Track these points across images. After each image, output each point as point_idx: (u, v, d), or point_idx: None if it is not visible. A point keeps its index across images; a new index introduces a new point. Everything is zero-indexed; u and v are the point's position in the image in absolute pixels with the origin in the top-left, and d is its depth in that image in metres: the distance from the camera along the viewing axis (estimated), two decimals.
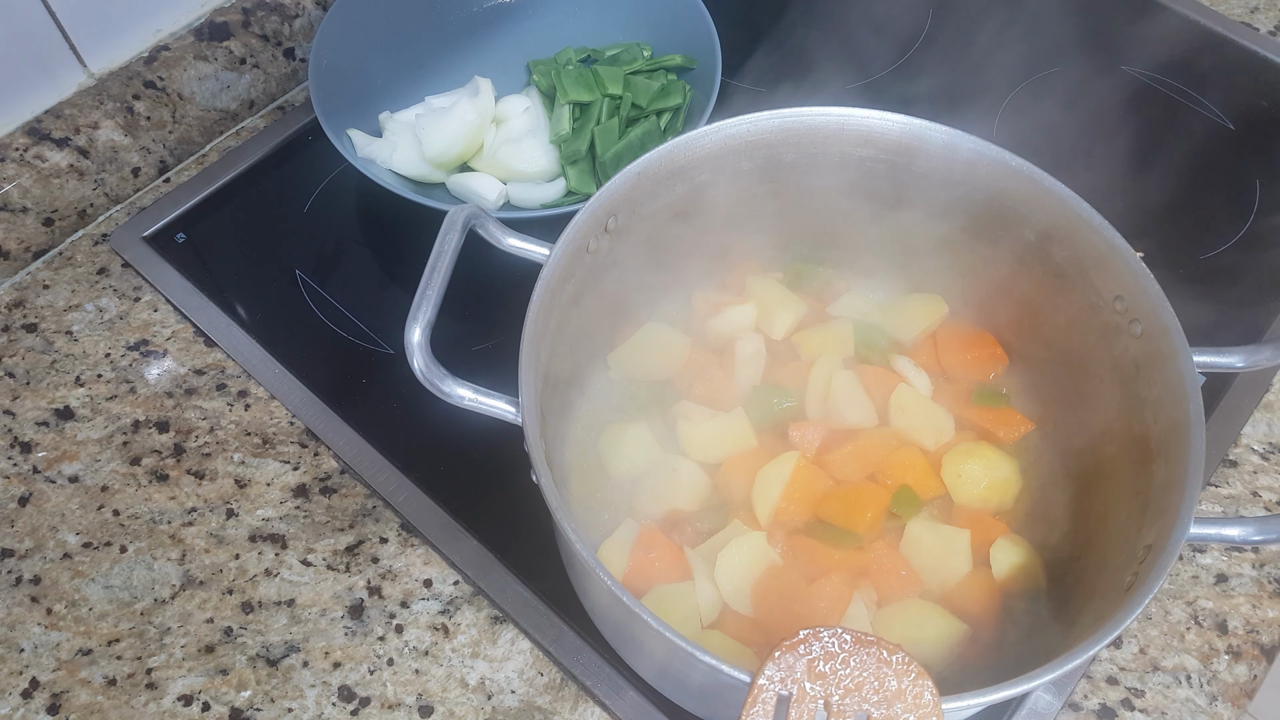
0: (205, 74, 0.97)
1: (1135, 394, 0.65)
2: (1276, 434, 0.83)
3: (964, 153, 0.71)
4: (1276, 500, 0.80)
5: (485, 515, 0.76)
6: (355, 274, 0.92)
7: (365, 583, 0.75)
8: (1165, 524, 0.57)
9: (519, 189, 0.91)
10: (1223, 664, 0.72)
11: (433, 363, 0.58)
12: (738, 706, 0.49)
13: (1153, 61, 1.07)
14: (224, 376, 0.84)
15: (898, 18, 1.10)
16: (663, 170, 0.70)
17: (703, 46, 0.93)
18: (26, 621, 0.73)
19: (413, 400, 0.79)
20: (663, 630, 0.52)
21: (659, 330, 0.79)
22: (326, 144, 0.86)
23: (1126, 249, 0.65)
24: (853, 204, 0.77)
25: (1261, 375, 0.85)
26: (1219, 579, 0.76)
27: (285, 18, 1.01)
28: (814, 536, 0.69)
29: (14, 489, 0.79)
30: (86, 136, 0.91)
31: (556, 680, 0.71)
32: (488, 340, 0.86)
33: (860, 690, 0.48)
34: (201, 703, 0.70)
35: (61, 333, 0.87)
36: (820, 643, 0.49)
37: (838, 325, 0.78)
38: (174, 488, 0.79)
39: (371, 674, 0.71)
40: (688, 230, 0.76)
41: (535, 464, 0.57)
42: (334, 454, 0.80)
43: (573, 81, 0.93)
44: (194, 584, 0.75)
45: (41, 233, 0.91)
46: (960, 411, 0.76)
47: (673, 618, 0.65)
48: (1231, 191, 0.97)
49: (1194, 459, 0.58)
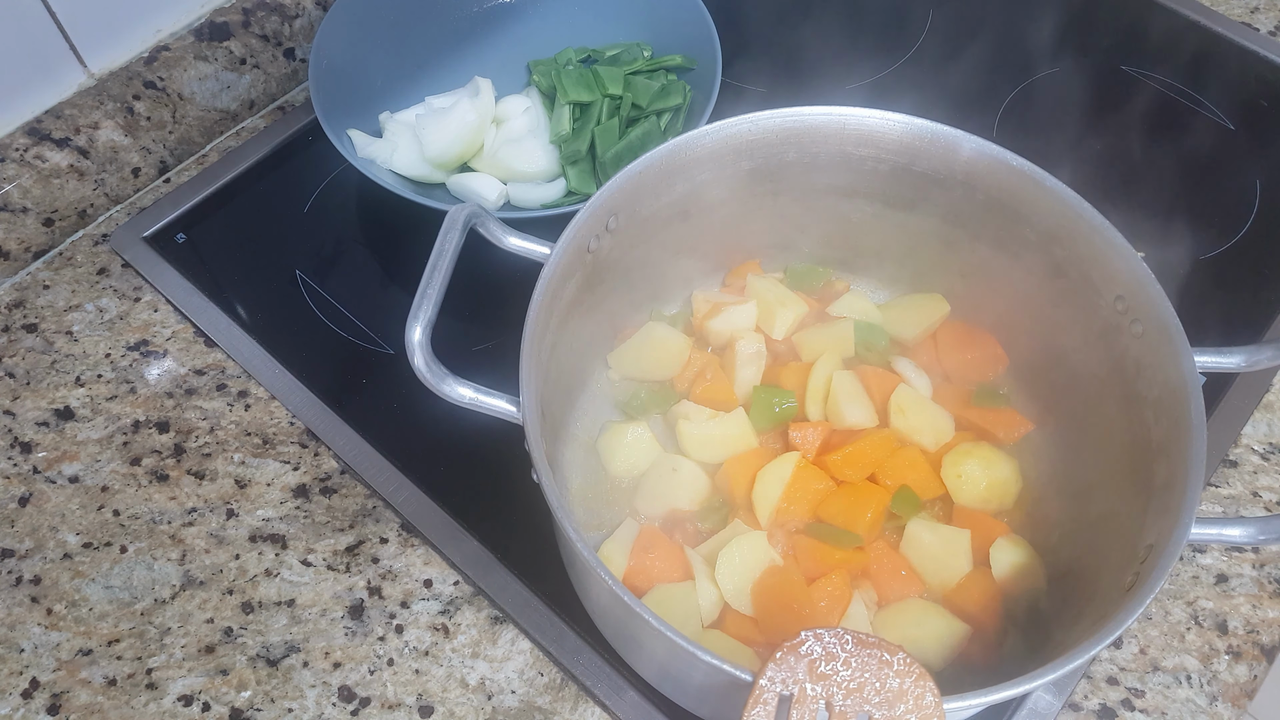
0: (205, 74, 0.97)
1: (1135, 394, 0.65)
2: (1276, 434, 0.83)
3: (964, 152, 0.71)
4: (1276, 500, 0.80)
5: (485, 515, 0.76)
6: (355, 274, 0.92)
7: (365, 583, 0.75)
8: (1166, 524, 0.57)
9: (519, 189, 0.91)
10: (1223, 664, 0.72)
11: (433, 362, 0.58)
12: (738, 707, 0.49)
13: (1153, 61, 1.07)
14: (224, 377, 0.84)
15: (898, 18, 1.10)
16: (663, 170, 0.70)
17: (703, 46, 0.93)
18: (27, 622, 0.73)
19: (413, 400, 0.79)
20: (664, 630, 0.52)
21: (659, 330, 0.79)
22: (326, 144, 0.86)
23: (1127, 249, 0.65)
24: (853, 204, 0.77)
25: (1261, 375, 0.85)
26: (1219, 579, 0.76)
27: (285, 18, 1.01)
28: (814, 536, 0.69)
29: (14, 489, 0.79)
30: (87, 137, 0.91)
31: (557, 680, 0.71)
32: (488, 340, 0.86)
33: (862, 691, 0.48)
34: (202, 703, 0.70)
35: (62, 333, 0.87)
36: (821, 643, 0.49)
37: (838, 325, 0.78)
38: (174, 488, 0.79)
39: (372, 674, 0.71)
40: (688, 230, 0.76)
41: (536, 463, 0.57)
42: (334, 454, 0.80)
43: (573, 81, 0.93)
44: (194, 584, 0.75)
45: (42, 233, 0.91)
46: (960, 412, 0.76)
47: (673, 617, 0.65)
48: (1231, 191, 0.97)
49: (1194, 459, 0.58)
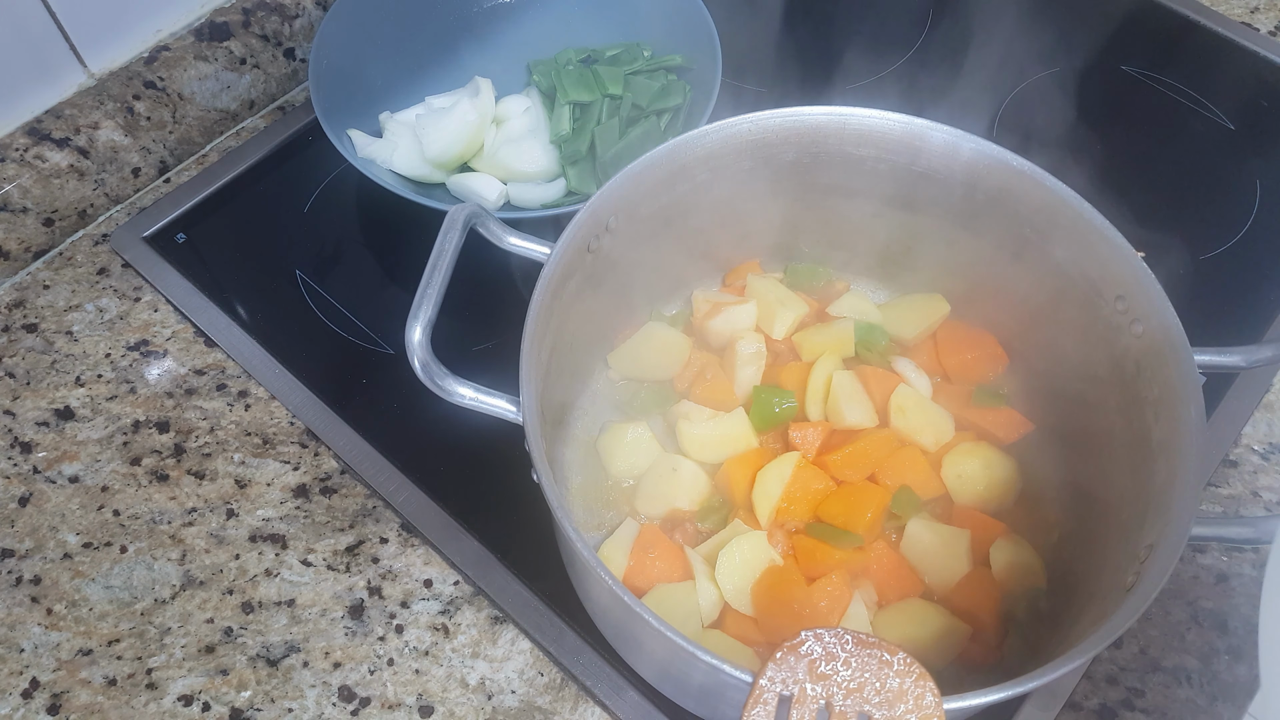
0: (205, 74, 0.97)
1: (1135, 394, 0.65)
2: (1276, 434, 0.83)
3: (964, 152, 0.71)
4: (1276, 500, 0.80)
5: (485, 515, 0.76)
6: (355, 274, 0.92)
7: (365, 583, 0.75)
8: (1166, 524, 0.57)
9: (519, 189, 0.91)
10: (1223, 664, 0.72)
11: (434, 361, 0.58)
12: (738, 707, 0.49)
13: (1153, 62, 1.07)
14: (224, 377, 0.84)
15: (898, 17, 1.10)
16: (663, 170, 0.70)
17: (703, 46, 0.93)
18: (27, 622, 0.73)
19: (413, 400, 0.79)
20: (664, 630, 0.52)
21: (659, 330, 0.79)
22: (326, 144, 0.86)
23: (1127, 248, 0.65)
24: (853, 204, 0.77)
25: (1261, 375, 0.85)
26: (1219, 579, 0.76)
27: (285, 18, 1.01)
28: (814, 536, 0.69)
29: (14, 489, 0.79)
30: (87, 137, 0.91)
31: (557, 680, 0.71)
32: (488, 339, 0.86)
33: (862, 691, 0.48)
34: (202, 703, 0.70)
35: (62, 333, 0.87)
36: (821, 643, 0.49)
37: (838, 325, 0.78)
38: (174, 488, 0.79)
39: (372, 674, 0.71)
40: (688, 230, 0.76)
41: (536, 463, 0.57)
42: (334, 454, 0.80)
43: (573, 81, 0.93)
44: (194, 584, 0.75)
45: (42, 233, 0.91)
46: (960, 412, 0.76)
47: (673, 617, 0.65)
48: (1231, 191, 0.97)
49: (1194, 459, 0.58)
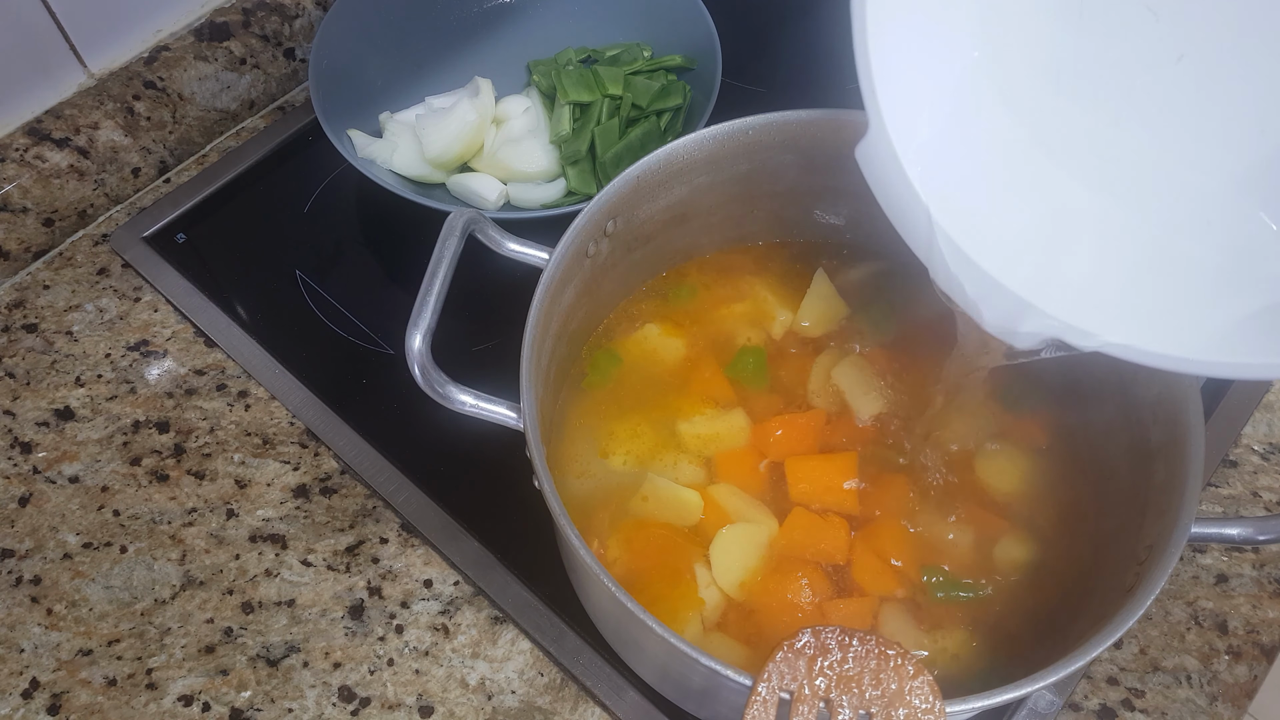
0: (205, 74, 0.97)
1: (1135, 394, 0.65)
2: (1276, 434, 0.83)
3: None
4: (1276, 500, 0.80)
5: (485, 515, 0.76)
6: (355, 274, 0.92)
7: (365, 583, 0.75)
8: (1166, 524, 0.57)
9: (519, 189, 0.91)
10: (1223, 664, 0.72)
11: (434, 369, 0.58)
12: (738, 707, 0.49)
13: None
14: (224, 377, 0.84)
15: None
16: (661, 174, 0.70)
17: (703, 46, 0.93)
18: (27, 622, 0.73)
19: (413, 400, 0.78)
20: (664, 634, 0.52)
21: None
22: (326, 144, 0.86)
23: None
24: (852, 204, 0.77)
25: None
26: (1219, 579, 0.76)
27: (285, 18, 1.01)
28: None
29: (14, 489, 0.79)
30: (86, 137, 0.91)
31: (557, 681, 0.71)
32: (488, 340, 0.86)
33: (862, 690, 0.48)
34: (202, 703, 0.70)
35: (61, 333, 0.87)
36: (821, 642, 0.49)
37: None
38: (174, 488, 0.79)
39: (372, 674, 0.71)
40: (687, 232, 0.76)
41: (537, 469, 0.57)
42: (334, 454, 0.80)
43: (573, 82, 0.93)
44: (194, 584, 0.75)
45: (41, 233, 0.91)
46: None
47: (673, 619, 0.65)
48: None
49: (1194, 459, 0.58)
